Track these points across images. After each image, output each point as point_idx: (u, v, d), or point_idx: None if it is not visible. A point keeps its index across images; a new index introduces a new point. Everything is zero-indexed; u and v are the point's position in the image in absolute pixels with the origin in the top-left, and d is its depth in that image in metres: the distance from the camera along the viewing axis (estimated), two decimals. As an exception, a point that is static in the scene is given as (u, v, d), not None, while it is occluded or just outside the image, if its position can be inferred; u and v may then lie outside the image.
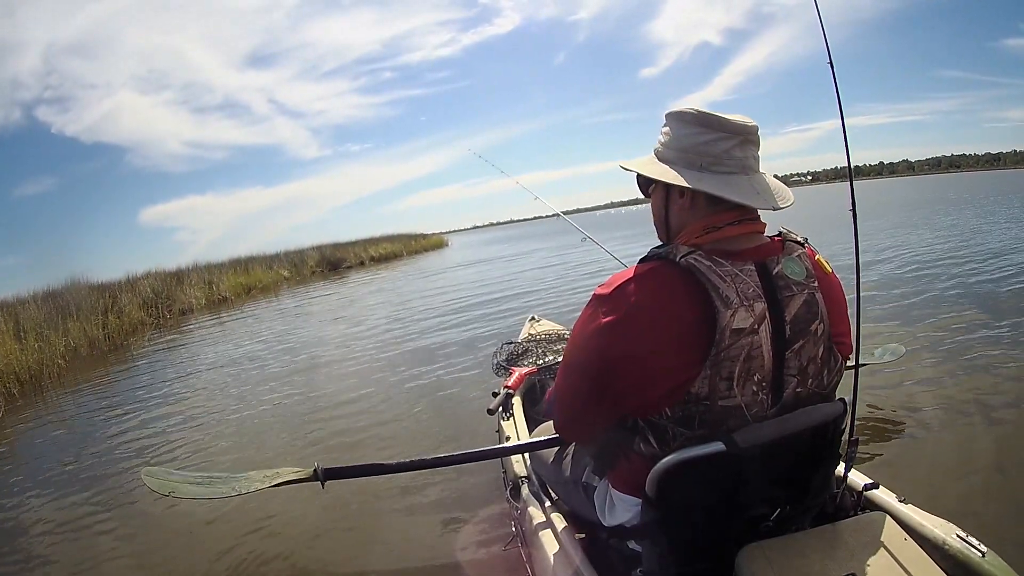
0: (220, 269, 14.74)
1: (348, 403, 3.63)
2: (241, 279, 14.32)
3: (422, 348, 4.96)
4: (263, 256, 17.82)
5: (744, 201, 0.87)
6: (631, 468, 0.94)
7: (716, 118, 0.89)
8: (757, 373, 0.83)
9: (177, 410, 4.11)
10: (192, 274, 13.44)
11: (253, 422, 3.57)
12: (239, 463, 2.90)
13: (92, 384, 5.65)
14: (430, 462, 1.36)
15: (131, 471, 2.91)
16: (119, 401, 4.71)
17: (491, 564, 1.72)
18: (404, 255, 22.71)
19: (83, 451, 3.42)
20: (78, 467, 3.13)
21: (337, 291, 12.28)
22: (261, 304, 11.51)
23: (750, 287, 0.83)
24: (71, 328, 7.45)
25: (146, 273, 12.79)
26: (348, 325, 7.04)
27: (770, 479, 0.87)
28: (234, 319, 9.63)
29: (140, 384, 5.26)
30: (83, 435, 3.81)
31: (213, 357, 6.11)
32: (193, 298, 11.81)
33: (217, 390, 4.57)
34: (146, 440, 3.46)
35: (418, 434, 2.97)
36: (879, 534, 0.86)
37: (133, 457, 3.19)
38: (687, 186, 0.88)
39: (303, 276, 17.37)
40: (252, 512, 2.22)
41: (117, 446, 3.43)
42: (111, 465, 3.09)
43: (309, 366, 4.98)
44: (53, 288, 9.70)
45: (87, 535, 2.30)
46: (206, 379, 5.07)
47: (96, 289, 9.98)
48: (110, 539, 2.25)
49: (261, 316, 9.62)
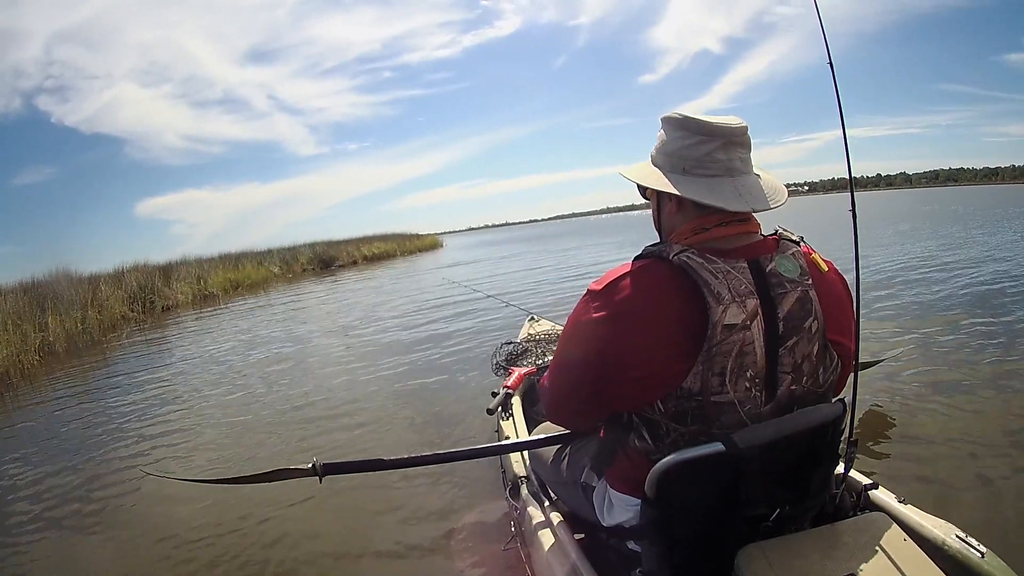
0: (209, 264, 14.51)
1: (346, 404, 3.62)
2: (230, 275, 14.12)
3: (422, 348, 4.95)
4: (254, 252, 17.67)
5: (723, 205, 0.87)
6: (630, 466, 0.94)
7: (696, 121, 0.90)
8: (750, 369, 0.83)
9: (153, 414, 3.90)
10: (180, 268, 13.12)
11: (244, 424, 3.55)
12: (228, 471, 2.84)
13: (67, 382, 5.40)
14: (429, 458, 1.36)
15: (112, 475, 2.87)
16: (93, 403, 4.46)
17: (490, 563, 1.72)
18: (398, 255, 22.51)
19: (50, 457, 3.21)
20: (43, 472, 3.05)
21: (328, 289, 12.18)
22: (249, 301, 11.26)
23: (742, 284, 0.83)
24: (49, 322, 7.13)
25: (134, 266, 12.43)
26: (341, 323, 7.00)
27: (770, 479, 0.87)
28: (220, 316, 9.44)
29: (115, 384, 5.01)
30: (52, 438, 3.61)
31: (193, 357, 5.86)
32: (180, 294, 11.56)
33: (195, 393, 4.35)
34: (123, 449, 3.30)
35: (417, 434, 2.96)
36: (879, 535, 0.86)
37: (115, 462, 3.09)
38: (670, 191, 0.90)
39: (294, 273, 17.21)
40: (248, 511, 2.21)
41: (93, 453, 3.29)
42: (90, 471, 2.97)
43: (300, 366, 4.92)
44: (36, 279, 9.43)
45: (85, 535, 2.30)
46: (185, 382, 4.82)
47: (78, 281, 9.56)
48: (99, 539, 2.24)
49: (248, 314, 9.34)
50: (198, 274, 13.04)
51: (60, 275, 9.84)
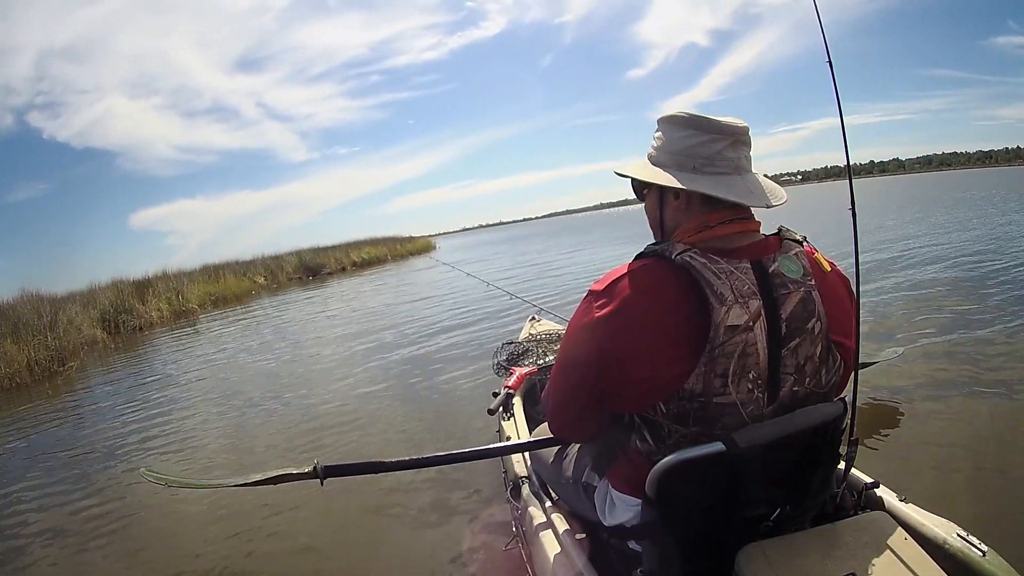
0: (189, 277, 13.75)
1: (346, 406, 3.63)
2: (210, 288, 13.39)
3: (420, 348, 4.96)
4: (237, 263, 16.82)
5: (739, 200, 0.88)
6: (631, 467, 0.94)
7: (707, 120, 0.90)
8: (752, 371, 0.83)
9: (149, 424, 3.83)
10: (159, 283, 12.42)
11: (243, 432, 3.56)
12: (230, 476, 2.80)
13: (24, 418, 4.72)
14: (430, 460, 1.36)
15: (114, 479, 2.89)
16: (61, 434, 4.05)
17: (492, 564, 1.72)
18: (389, 259, 21.49)
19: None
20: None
21: (313, 297, 11.82)
22: (229, 316, 10.56)
23: (745, 284, 0.83)
24: (7, 350, 6.43)
25: (112, 282, 11.74)
26: (330, 330, 6.91)
27: (770, 479, 0.87)
28: (195, 333, 8.92)
29: (77, 423, 4.36)
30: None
31: (167, 382, 5.29)
32: (154, 311, 10.80)
33: (188, 406, 4.18)
34: (123, 450, 3.43)
35: (418, 435, 2.97)
36: (879, 534, 0.86)
37: (118, 466, 3.15)
38: (682, 188, 0.89)
39: (279, 283, 16.46)
40: (250, 512, 2.22)
41: (93, 453, 3.40)
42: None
43: (293, 375, 4.86)
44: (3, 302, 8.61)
45: (84, 537, 2.30)
46: (172, 394, 4.60)
47: (44, 303, 8.54)
48: (104, 540, 2.25)
49: (224, 330, 8.74)
50: (176, 288, 12.27)
51: (28, 297, 8.98)
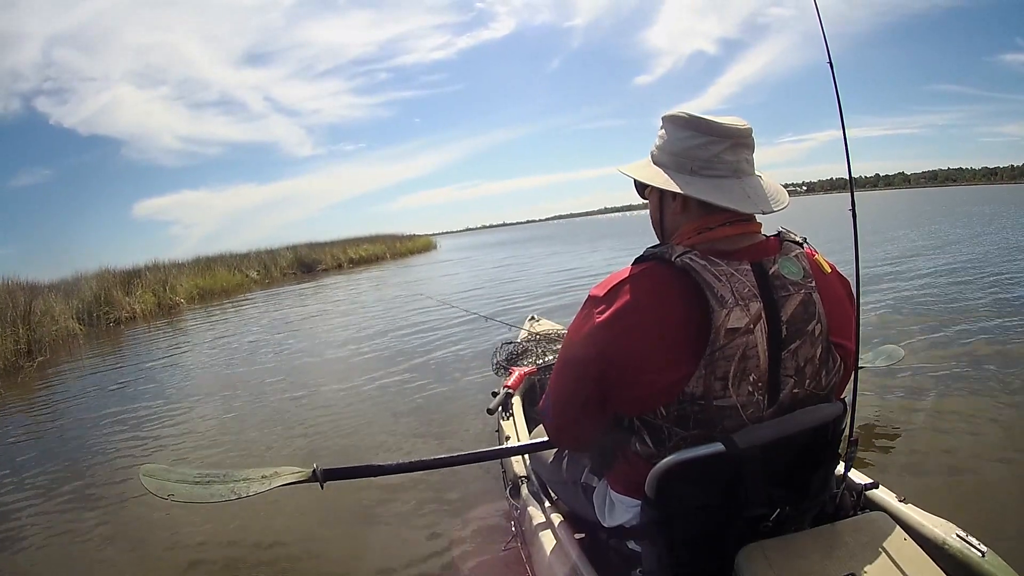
0: (179, 270, 13.40)
1: (344, 406, 3.62)
2: (200, 282, 13.04)
3: (420, 349, 4.95)
4: (231, 256, 16.38)
5: (732, 206, 0.87)
6: (630, 469, 0.94)
7: (706, 122, 0.89)
8: (752, 373, 0.83)
9: (144, 426, 3.79)
10: (148, 274, 12.01)
11: (240, 435, 3.55)
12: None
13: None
14: (429, 463, 1.36)
15: (112, 472, 2.88)
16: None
17: (491, 564, 1.72)
18: (388, 257, 21.00)
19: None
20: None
21: (306, 294, 11.65)
22: (215, 311, 10.29)
23: (746, 287, 0.83)
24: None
25: (99, 272, 11.20)
26: (325, 331, 6.85)
27: (769, 479, 0.87)
28: (179, 328, 8.64)
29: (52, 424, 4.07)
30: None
31: (145, 383, 5.00)
32: (138, 303, 10.40)
33: (184, 406, 4.03)
34: (123, 452, 3.43)
35: (418, 434, 2.96)
36: (879, 534, 0.86)
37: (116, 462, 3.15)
38: (680, 192, 0.89)
39: (272, 278, 16.14)
40: (248, 513, 2.21)
41: (92, 453, 3.41)
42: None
43: (290, 376, 4.79)
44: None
45: (85, 538, 2.30)
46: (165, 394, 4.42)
47: (19, 291, 8.08)
48: (98, 541, 2.24)
49: (216, 323, 8.59)
50: (166, 281, 11.90)
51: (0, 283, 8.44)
